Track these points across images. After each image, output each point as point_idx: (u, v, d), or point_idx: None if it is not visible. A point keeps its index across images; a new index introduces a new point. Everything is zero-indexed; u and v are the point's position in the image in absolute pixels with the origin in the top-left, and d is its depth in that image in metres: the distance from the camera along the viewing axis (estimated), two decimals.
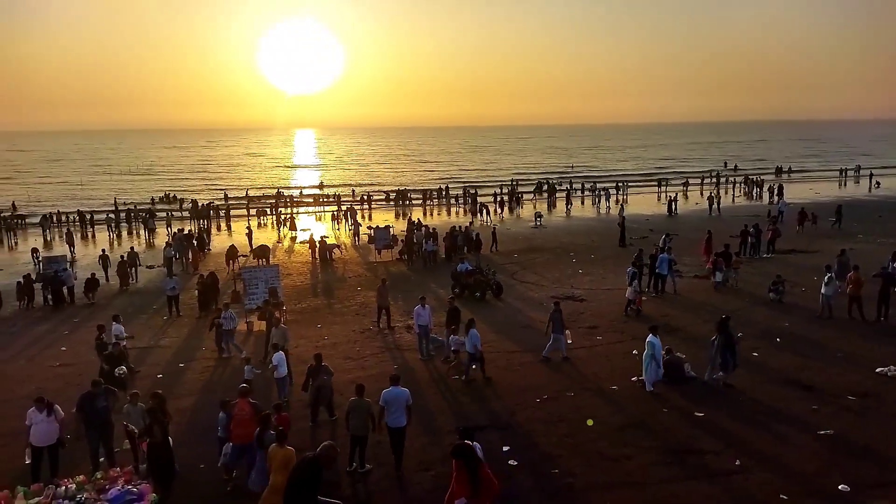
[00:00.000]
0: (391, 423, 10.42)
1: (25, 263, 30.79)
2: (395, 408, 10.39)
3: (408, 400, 10.50)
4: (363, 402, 10.51)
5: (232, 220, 46.96)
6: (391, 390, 10.48)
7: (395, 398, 10.41)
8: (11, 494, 9.35)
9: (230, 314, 17.23)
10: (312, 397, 12.57)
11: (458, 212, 50.77)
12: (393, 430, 10.45)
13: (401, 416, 10.43)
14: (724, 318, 14.03)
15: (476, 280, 22.72)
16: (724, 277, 22.38)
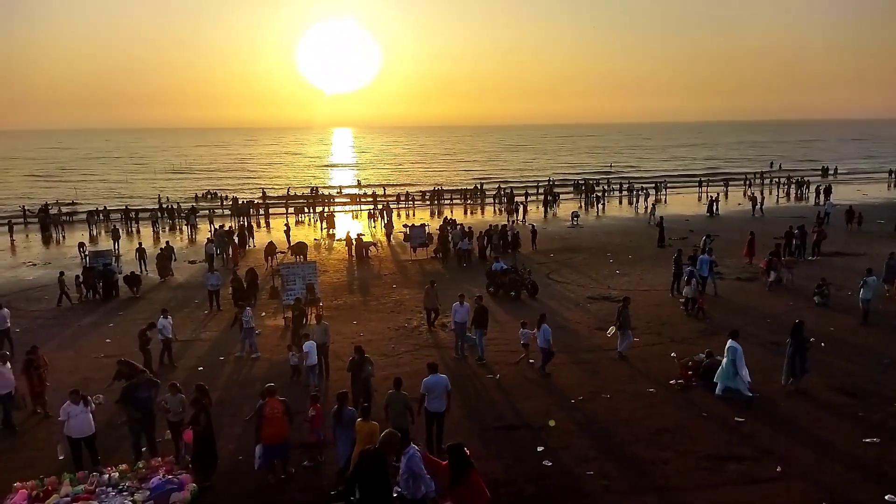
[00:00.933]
0: (431, 408, 10.96)
1: (73, 258, 31.84)
2: (435, 394, 10.92)
3: (447, 386, 10.99)
4: (400, 395, 10.67)
5: (271, 217, 47.78)
6: (431, 377, 10.99)
7: (435, 384, 10.92)
8: (59, 481, 9.72)
9: (248, 312, 17.47)
10: (359, 391, 12.41)
11: (494, 210, 50.64)
12: (432, 413, 11.00)
13: (440, 402, 10.95)
14: (798, 322, 13.61)
15: (511, 279, 22.62)
16: (778, 278, 21.92)
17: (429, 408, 10.98)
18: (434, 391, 10.91)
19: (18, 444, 12.22)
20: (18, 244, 38.21)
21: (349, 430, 9.83)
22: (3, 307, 18.04)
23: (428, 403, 10.97)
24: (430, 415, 11.01)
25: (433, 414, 11.00)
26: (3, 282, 27.25)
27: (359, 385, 12.53)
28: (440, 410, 11.00)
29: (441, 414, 11.04)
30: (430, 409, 10.98)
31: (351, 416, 9.98)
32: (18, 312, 21.32)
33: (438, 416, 11.03)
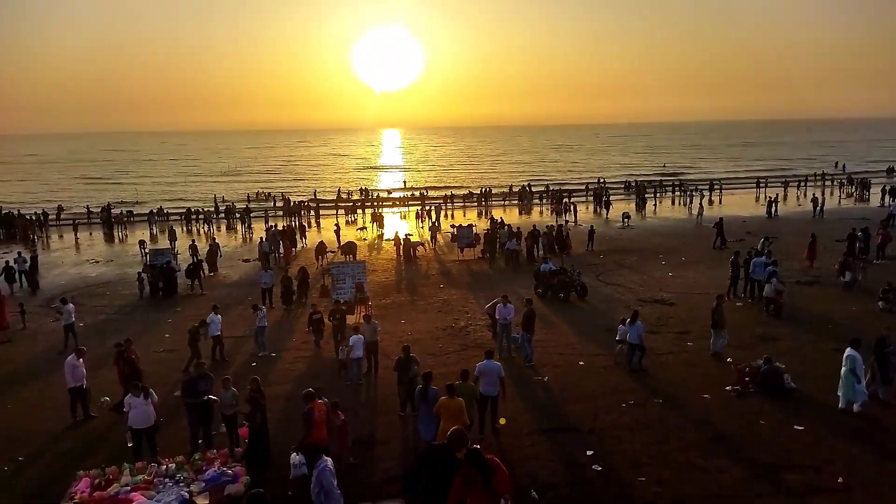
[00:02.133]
0: (484, 391, 11.71)
1: (134, 255, 33.07)
2: (487, 378, 11.71)
3: (499, 372, 11.75)
4: (468, 385, 11.17)
5: (321, 217, 48.59)
6: (485, 362, 11.82)
7: (488, 369, 11.73)
8: (119, 470, 10.08)
9: (263, 311, 17.84)
10: (406, 391, 12.61)
11: (542, 211, 50.23)
12: (485, 396, 11.74)
13: (493, 386, 11.70)
14: (881, 336, 12.97)
15: (560, 280, 22.36)
16: (853, 279, 21.14)
17: (482, 391, 11.68)
18: (487, 375, 11.68)
19: (82, 433, 12.75)
20: (83, 242, 39.94)
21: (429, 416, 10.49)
22: (68, 302, 18.86)
23: (481, 387, 11.68)
24: (483, 398, 11.72)
25: (486, 397, 11.75)
26: (69, 278, 28.50)
27: (405, 384, 12.69)
28: (492, 394, 11.77)
29: (494, 398, 11.81)
30: (483, 392, 11.70)
31: (435, 395, 10.65)
32: (82, 308, 22.24)
33: (492, 399, 11.81)
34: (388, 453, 11.54)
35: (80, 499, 9.26)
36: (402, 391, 12.90)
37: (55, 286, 26.68)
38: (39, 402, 14.51)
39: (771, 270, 19.57)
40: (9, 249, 33.41)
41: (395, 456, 11.44)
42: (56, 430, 12.90)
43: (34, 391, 15.07)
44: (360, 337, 15.06)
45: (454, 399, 10.05)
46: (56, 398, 14.56)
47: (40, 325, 20.90)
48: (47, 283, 27.40)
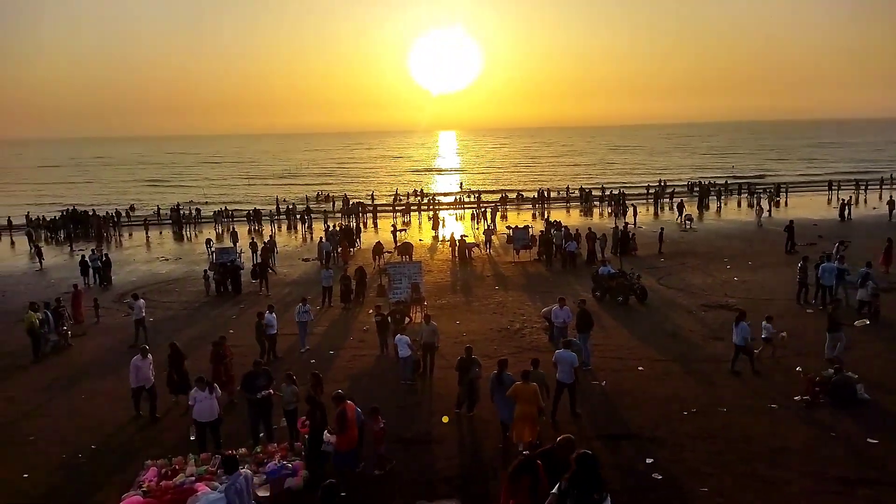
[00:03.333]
0: (561, 378, 12.51)
1: (201, 254, 34.31)
2: (563, 366, 12.47)
3: (573, 361, 12.48)
4: (538, 373, 11.79)
5: (378, 217, 49.24)
6: (561, 351, 12.61)
7: (563, 357, 12.51)
8: (185, 461, 10.48)
9: (306, 308, 18.10)
10: (466, 391, 12.85)
11: (601, 213, 49.42)
12: (561, 384, 12.54)
13: (569, 374, 12.48)
14: None
15: (618, 284, 21.92)
16: None
17: (558, 378, 12.53)
18: (563, 363, 12.45)
19: (151, 425, 13.30)
20: (153, 241, 41.73)
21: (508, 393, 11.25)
22: (139, 298, 19.73)
23: (558, 374, 12.54)
24: (559, 385, 12.55)
25: (562, 384, 12.56)
26: (140, 275, 29.83)
27: (465, 384, 12.83)
28: (567, 381, 12.52)
29: (571, 385, 12.55)
30: (559, 379, 12.54)
31: (510, 380, 11.39)
32: (152, 303, 23.22)
33: (568, 386, 12.57)
34: (443, 453, 11.56)
35: (148, 487, 9.66)
36: (461, 390, 13.09)
37: (127, 282, 27.96)
38: (112, 393, 15.20)
39: (864, 273, 18.63)
40: (84, 246, 35.16)
41: (451, 455, 11.45)
42: (126, 421, 13.49)
43: (107, 382, 15.81)
44: (405, 338, 15.18)
45: (528, 384, 10.92)
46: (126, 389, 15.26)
47: (113, 320, 21.93)
48: (120, 279, 28.73)
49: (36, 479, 11.05)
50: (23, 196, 74.72)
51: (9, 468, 11.44)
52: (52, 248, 39.19)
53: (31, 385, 15.91)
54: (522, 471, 7.48)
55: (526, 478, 7.36)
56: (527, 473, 7.44)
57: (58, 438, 12.64)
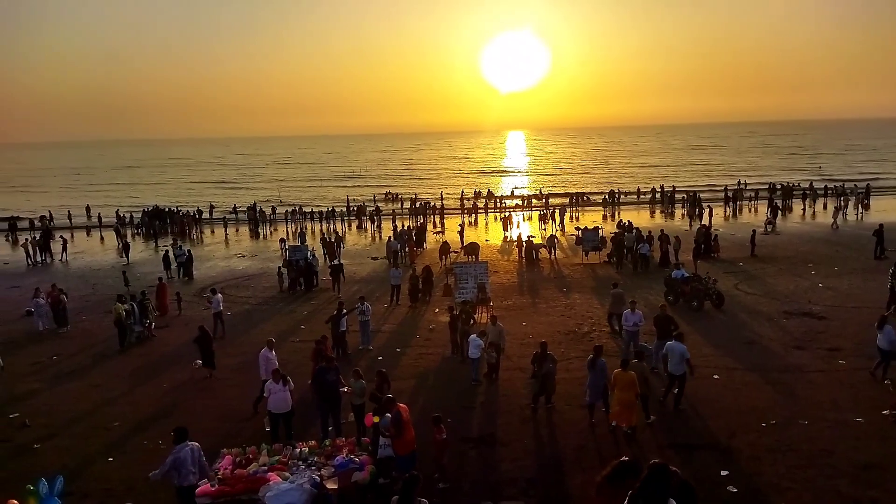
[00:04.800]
0: (672, 369, 12.81)
1: (275, 251, 35.45)
2: (674, 358, 12.77)
3: (684, 353, 12.74)
4: (641, 365, 12.35)
5: (446, 217, 49.49)
6: (672, 343, 12.96)
7: (674, 349, 12.81)
8: (258, 451, 10.84)
9: (366, 306, 18.21)
10: (539, 385, 13.24)
11: (676, 214, 47.93)
12: (673, 375, 12.86)
13: (679, 366, 12.75)
14: None
15: (693, 288, 21.14)
16: None
17: (670, 369, 12.85)
18: (674, 355, 12.74)
19: (227, 415, 13.81)
20: (231, 238, 43.47)
21: (600, 378, 12.28)
22: (217, 293, 20.57)
23: (668, 366, 12.88)
24: (671, 377, 12.90)
25: (673, 376, 12.84)
26: (219, 271, 31.10)
27: (539, 378, 13.21)
28: (678, 373, 12.78)
29: (681, 377, 12.80)
30: (670, 370, 12.84)
31: (602, 365, 12.31)
32: (229, 298, 24.14)
33: (679, 378, 12.79)
34: (509, 454, 11.50)
35: (223, 475, 10.03)
36: (535, 384, 13.44)
37: (207, 277, 29.21)
38: (191, 382, 15.93)
39: None
40: (167, 242, 36.95)
41: (517, 457, 11.36)
42: (203, 409, 14.09)
43: (187, 373, 16.53)
44: (478, 339, 15.17)
45: (627, 372, 11.58)
46: (208, 379, 15.96)
47: (194, 312, 22.93)
48: (200, 274, 30.04)
49: (119, 464, 11.69)
50: (108, 194, 79.35)
51: (95, 452, 12.15)
52: (138, 243, 41.41)
53: (117, 373, 16.86)
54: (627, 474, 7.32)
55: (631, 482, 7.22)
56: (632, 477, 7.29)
57: (140, 425, 13.35)
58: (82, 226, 50.17)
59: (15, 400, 14.91)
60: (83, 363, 17.78)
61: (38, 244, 35.81)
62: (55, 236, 39.34)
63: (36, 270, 32.85)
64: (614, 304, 18.64)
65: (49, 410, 14.26)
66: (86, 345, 19.38)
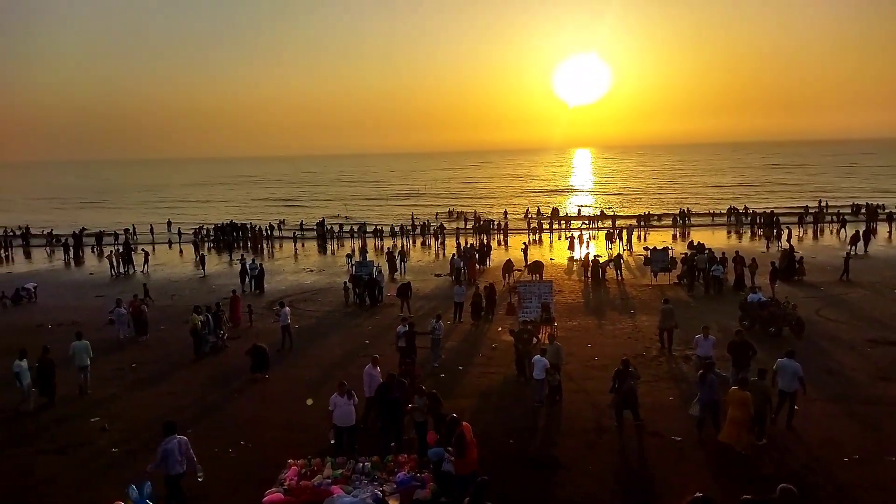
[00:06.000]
0: (784, 387, 12.72)
1: (342, 266, 36.22)
2: (785, 376, 12.71)
3: (797, 371, 12.66)
4: (760, 383, 12.16)
5: (509, 235, 49.33)
6: (784, 360, 12.84)
7: (786, 366, 12.72)
8: (323, 463, 11.03)
9: (440, 324, 18.24)
10: (619, 400, 13.19)
11: (748, 235, 46.11)
12: (784, 393, 12.75)
13: (792, 383, 12.69)
14: None
15: (771, 313, 20.21)
16: None
17: (781, 387, 12.72)
18: (785, 372, 12.69)
19: (294, 426, 14.10)
20: (300, 253, 44.72)
21: (710, 393, 12.26)
22: (285, 306, 21.16)
23: (780, 383, 12.75)
24: (782, 394, 12.75)
25: (785, 393, 12.74)
26: (288, 284, 32.01)
27: (620, 394, 13.08)
28: (790, 391, 12.70)
29: (792, 394, 12.71)
30: (781, 387, 12.72)
31: (713, 381, 12.29)
32: (297, 312, 24.79)
33: (790, 395, 12.72)
34: (569, 479, 11.24)
35: (289, 485, 10.27)
36: (616, 400, 13.27)
37: (277, 291, 30.12)
38: (261, 393, 16.40)
39: None
40: (240, 256, 38.31)
41: (578, 483, 11.09)
42: (271, 419, 14.45)
43: (257, 383, 17.05)
44: (543, 360, 14.90)
45: (743, 392, 11.40)
46: (274, 390, 16.41)
47: (264, 325, 23.65)
48: (271, 287, 31.00)
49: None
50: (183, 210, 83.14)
51: None
52: (213, 257, 43.18)
53: (191, 381, 17.54)
54: None
55: None
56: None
57: (211, 432, 13.78)
58: (163, 241, 52.63)
59: (96, 405, 15.70)
60: (160, 371, 18.60)
61: (121, 256, 37.89)
62: (137, 249, 41.56)
63: (119, 281, 34.73)
64: (664, 320, 18.86)
65: (126, 416, 14.95)
66: (163, 353, 20.28)
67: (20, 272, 38.28)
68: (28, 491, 11.41)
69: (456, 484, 9.91)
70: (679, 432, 12.91)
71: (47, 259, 45.18)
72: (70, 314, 25.50)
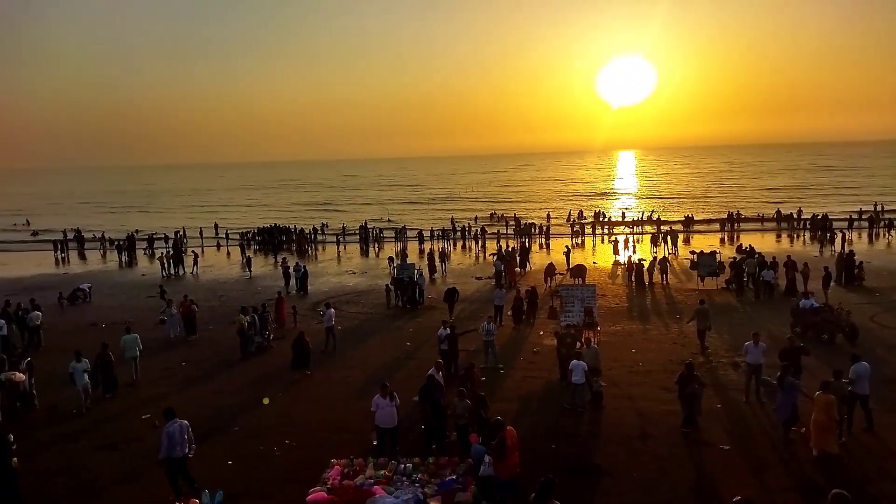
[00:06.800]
0: (858, 389, 12.60)
1: (383, 269, 36.50)
2: (863, 380, 12.65)
3: (868, 372, 12.69)
4: (839, 384, 12.20)
5: (551, 238, 48.92)
6: (860, 365, 12.72)
7: (861, 370, 12.67)
8: (365, 463, 11.12)
9: (491, 326, 18.31)
10: (685, 405, 13.17)
11: (803, 238, 44.69)
12: (855, 395, 12.59)
13: (863, 386, 12.65)
14: None
15: (823, 319, 19.52)
16: None
17: (851, 390, 12.55)
18: (862, 378, 12.61)
19: (337, 426, 14.25)
20: (342, 255, 45.26)
21: (789, 397, 12.23)
22: (330, 307, 21.43)
23: (853, 386, 12.59)
24: (851, 396, 12.56)
25: (855, 395, 12.58)
26: (331, 286, 32.44)
27: (685, 398, 13.05)
28: (863, 393, 12.63)
29: (864, 397, 12.64)
30: (852, 390, 12.56)
31: (791, 383, 12.26)
32: (340, 313, 25.03)
33: (861, 398, 12.62)
34: (612, 487, 11.06)
35: (332, 485, 10.38)
36: (683, 405, 13.22)
37: (320, 292, 30.55)
38: (305, 392, 16.66)
39: None
40: (284, 258, 39.00)
41: (621, 491, 10.91)
42: (314, 419, 14.65)
43: (301, 383, 17.33)
44: (581, 363, 14.74)
45: (826, 395, 11.41)
46: (317, 391, 16.64)
47: (308, 326, 23.98)
48: (314, 289, 31.47)
49: (237, 467, 12.36)
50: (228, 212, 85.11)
51: (216, 455, 12.92)
52: (259, 259, 44.08)
53: (237, 381, 17.92)
54: None
55: None
56: None
57: (257, 431, 14.06)
58: (212, 244, 53.94)
59: (147, 402, 16.19)
60: (208, 370, 19.07)
61: (171, 258, 39.02)
62: (186, 251, 42.75)
63: (169, 282, 35.76)
64: (700, 321, 19.12)
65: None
66: (211, 352, 20.79)
67: (76, 273, 39.82)
68: (81, 486, 11.82)
69: (497, 488, 9.86)
70: (727, 441, 12.59)
71: (101, 261, 46.89)
72: (122, 314, 26.37)
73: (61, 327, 24.64)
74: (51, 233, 60.15)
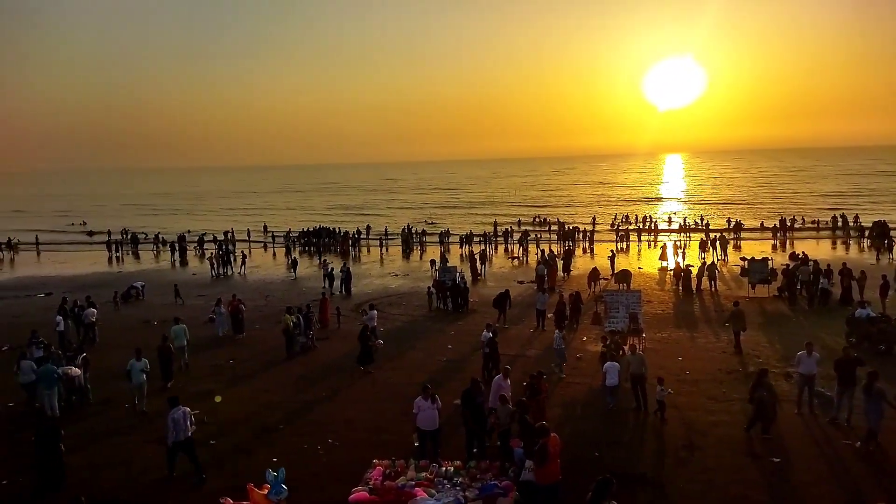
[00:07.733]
0: None
1: (426, 271, 36.65)
2: None
3: None
4: None
5: (595, 243, 48.29)
6: None
7: None
8: (406, 465, 11.17)
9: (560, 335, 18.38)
10: (754, 409, 13.15)
11: (860, 245, 43.02)
12: None
13: None
14: None
15: (881, 329, 18.75)
16: None
17: None
18: None
19: (379, 427, 14.35)
20: (385, 257, 45.64)
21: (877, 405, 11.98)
22: (373, 308, 21.63)
23: None
24: None
25: None
26: (374, 288, 32.73)
27: (754, 401, 13.13)
28: None
29: None
30: None
31: (878, 391, 12.01)
32: (382, 315, 25.26)
33: None
34: (658, 496, 10.83)
35: (374, 485, 10.46)
36: (753, 410, 13.17)
37: (363, 294, 30.86)
38: (348, 393, 16.84)
39: None
40: (328, 259, 39.53)
41: (666, 500, 10.67)
42: (357, 420, 14.78)
43: (344, 383, 17.53)
44: (615, 364, 14.95)
45: None
46: (360, 392, 16.80)
47: (351, 327, 24.25)
48: (358, 290, 31.81)
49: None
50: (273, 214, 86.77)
51: (261, 452, 13.17)
52: (303, 260, 44.80)
53: (282, 379, 18.23)
54: None
55: None
56: None
57: (301, 429, 14.28)
58: (259, 245, 55.10)
59: (196, 398, 16.55)
60: (254, 368, 19.46)
61: (220, 258, 40.01)
62: (235, 251, 43.79)
63: (218, 282, 36.67)
64: (735, 323, 19.49)
65: (224, 409, 15.72)
66: (257, 351, 21.21)
67: (129, 272, 41.21)
68: (129, 479, 12.18)
69: (538, 494, 9.78)
70: (777, 453, 12.19)
71: (154, 260, 48.42)
72: (173, 312, 27.14)
73: (115, 324, 25.53)
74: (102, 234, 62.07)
